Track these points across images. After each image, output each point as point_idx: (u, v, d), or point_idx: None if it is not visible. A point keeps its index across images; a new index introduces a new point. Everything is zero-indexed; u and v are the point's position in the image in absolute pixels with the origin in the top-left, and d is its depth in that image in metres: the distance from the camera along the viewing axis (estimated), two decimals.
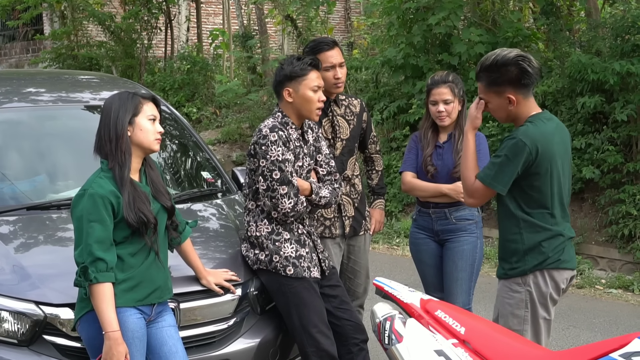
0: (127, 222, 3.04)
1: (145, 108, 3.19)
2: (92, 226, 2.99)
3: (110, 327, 2.96)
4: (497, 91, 3.27)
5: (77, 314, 3.12)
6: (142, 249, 3.13)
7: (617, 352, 2.73)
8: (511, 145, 3.22)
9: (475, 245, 4.20)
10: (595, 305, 6.57)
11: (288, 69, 3.70)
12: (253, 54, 14.83)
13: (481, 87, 3.34)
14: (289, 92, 3.70)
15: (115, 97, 3.20)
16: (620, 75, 7.57)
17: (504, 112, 3.32)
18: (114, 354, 2.95)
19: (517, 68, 3.21)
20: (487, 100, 3.33)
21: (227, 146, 12.57)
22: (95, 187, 3.04)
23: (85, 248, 2.98)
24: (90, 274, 2.95)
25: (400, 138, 9.94)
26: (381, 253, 8.49)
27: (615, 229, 7.56)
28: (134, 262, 3.11)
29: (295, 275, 3.65)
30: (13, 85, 5.04)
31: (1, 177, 4.10)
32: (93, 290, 2.97)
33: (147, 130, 3.17)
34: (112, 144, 3.11)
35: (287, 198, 3.61)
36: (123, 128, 3.11)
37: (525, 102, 3.29)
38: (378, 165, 4.54)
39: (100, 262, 2.97)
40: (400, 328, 3.19)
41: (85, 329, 3.09)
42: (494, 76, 3.25)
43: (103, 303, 2.97)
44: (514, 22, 9.74)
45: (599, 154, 7.78)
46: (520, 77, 3.22)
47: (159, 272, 3.19)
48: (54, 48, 15.43)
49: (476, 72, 3.36)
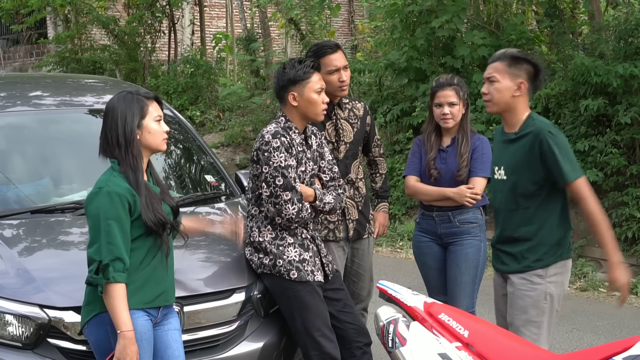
0: (145, 224, 3.03)
1: (150, 109, 3.17)
2: (110, 224, 2.96)
3: (125, 327, 2.95)
4: (515, 74, 3.48)
5: (85, 317, 3.10)
6: (150, 250, 3.12)
7: (621, 355, 2.73)
8: (561, 140, 3.42)
9: (479, 248, 4.20)
10: (599, 308, 6.56)
11: (291, 73, 3.70)
12: (256, 57, 14.85)
13: (499, 66, 3.52)
14: (294, 96, 3.71)
15: (120, 99, 3.16)
16: (624, 78, 7.56)
17: (507, 95, 3.49)
18: (127, 354, 2.94)
19: (536, 68, 3.50)
20: (497, 79, 3.50)
21: (230, 149, 12.57)
22: (112, 185, 3.02)
23: (104, 246, 2.94)
24: (110, 272, 2.93)
25: (404, 141, 9.94)
26: (385, 256, 8.49)
27: (618, 232, 7.54)
28: (144, 264, 3.10)
29: (299, 279, 3.65)
30: (17, 89, 5.06)
31: (5, 180, 4.11)
32: (109, 289, 2.95)
33: (155, 132, 3.16)
34: (122, 148, 3.09)
35: (290, 204, 3.61)
36: (133, 133, 3.09)
37: (526, 99, 3.54)
38: (382, 168, 4.54)
39: (118, 262, 2.95)
40: (404, 331, 3.20)
41: (94, 332, 3.07)
42: (518, 61, 3.49)
43: (119, 303, 2.95)
44: (517, 25, 9.74)
45: (602, 157, 7.77)
46: (536, 74, 3.49)
47: (165, 274, 3.20)
48: (57, 52, 15.45)
49: (494, 57, 3.58)
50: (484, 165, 4.12)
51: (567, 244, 3.55)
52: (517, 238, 3.52)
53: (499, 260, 3.65)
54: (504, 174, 3.58)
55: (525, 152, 3.46)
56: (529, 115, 3.52)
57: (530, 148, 3.44)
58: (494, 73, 3.51)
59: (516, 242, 3.53)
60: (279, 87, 3.77)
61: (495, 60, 3.54)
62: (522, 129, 3.51)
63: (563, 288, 3.54)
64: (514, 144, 3.53)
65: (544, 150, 3.39)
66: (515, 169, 3.51)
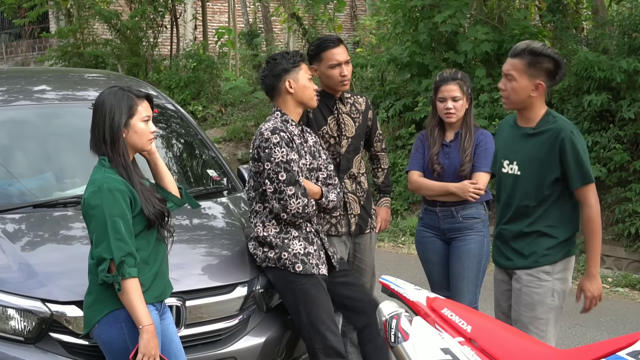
0: (147, 217, 3.03)
1: (139, 109, 3.11)
2: (117, 221, 2.94)
3: (147, 321, 2.94)
4: (533, 74, 3.42)
5: (95, 317, 3.04)
6: (155, 245, 3.12)
7: (624, 351, 2.72)
8: (582, 143, 3.40)
9: (482, 243, 4.19)
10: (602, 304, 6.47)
11: (284, 62, 3.77)
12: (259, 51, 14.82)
13: (518, 64, 3.43)
14: (289, 83, 3.74)
15: (110, 95, 3.12)
16: (627, 73, 7.55)
17: (524, 95, 3.45)
18: (152, 347, 2.93)
19: (557, 65, 3.42)
20: (515, 78, 3.45)
21: (232, 144, 12.58)
22: (112, 182, 3.00)
23: (114, 243, 2.92)
24: (125, 268, 2.91)
25: (406, 136, 9.93)
26: (387, 251, 8.48)
27: (621, 228, 7.53)
28: (151, 259, 3.10)
29: (304, 272, 3.65)
30: (19, 83, 5.05)
31: (8, 174, 4.10)
32: (126, 285, 2.93)
33: (142, 133, 3.12)
34: (108, 146, 3.07)
35: (295, 198, 3.61)
36: (119, 131, 3.06)
37: (543, 97, 3.50)
38: (384, 163, 4.53)
39: (130, 257, 2.94)
40: (407, 326, 3.19)
41: (106, 330, 3.02)
42: (538, 60, 3.40)
43: (136, 297, 2.94)
44: (520, 20, 9.73)
45: (606, 152, 7.75)
46: (555, 73, 3.43)
47: (167, 267, 3.21)
48: (60, 46, 15.46)
49: (515, 51, 3.47)
50: (487, 161, 4.10)
51: (574, 241, 3.55)
52: (528, 233, 3.50)
53: (503, 257, 3.62)
54: (518, 169, 3.54)
55: (546, 148, 3.43)
56: (548, 112, 3.50)
57: (551, 145, 3.41)
58: (512, 71, 3.44)
59: (526, 238, 3.51)
60: (272, 78, 3.79)
61: (516, 56, 3.45)
62: (540, 124, 3.48)
63: (568, 284, 3.55)
64: (532, 138, 3.49)
65: (565, 149, 3.38)
66: (533, 164, 3.48)
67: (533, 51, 3.41)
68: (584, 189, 3.41)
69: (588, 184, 3.41)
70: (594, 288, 3.46)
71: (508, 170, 3.58)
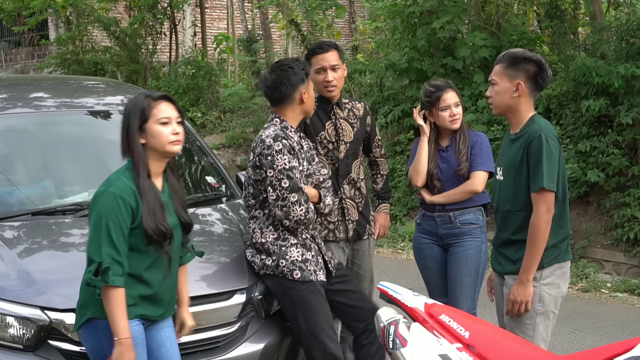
0: (145, 232, 2.98)
1: (154, 112, 3.07)
2: (111, 227, 2.92)
3: (123, 334, 2.91)
4: (512, 75, 3.44)
5: (79, 319, 3.06)
6: (155, 262, 3.08)
7: (623, 356, 2.72)
8: (552, 147, 3.34)
9: (480, 249, 4.20)
10: (601, 309, 6.55)
11: (300, 72, 3.71)
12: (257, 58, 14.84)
13: (498, 69, 3.49)
14: (302, 95, 3.73)
15: (130, 101, 3.16)
16: (625, 78, 7.56)
17: (506, 97, 3.46)
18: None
19: (539, 68, 3.43)
20: (496, 82, 3.48)
21: (231, 150, 12.58)
22: (118, 186, 2.98)
23: (105, 248, 2.91)
24: (109, 275, 2.89)
25: (405, 142, 9.94)
26: (385, 257, 8.48)
27: (620, 233, 7.54)
28: (147, 277, 3.06)
29: (302, 278, 3.65)
30: (18, 91, 5.06)
31: (6, 182, 4.10)
32: (108, 293, 2.91)
33: (158, 135, 3.06)
34: (127, 153, 3.08)
35: (298, 205, 3.60)
36: (133, 136, 3.06)
37: (529, 99, 3.48)
38: (383, 169, 4.53)
39: (117, 266, 2.91)
40: (405, 332, 3.19)
41: (89, 338, 3.05)
42: (517, 62, 3.43)
43: (117, 308, 2.91)
44: (518, 26, 9.75)
45: (604, 157, 7.76)
46: (537, 75, 3.43)
47: (168, 287, 3.17)
48: (59, 53, 15.47)
49: (497, 59, 3.53)
50: (483, 160, 4.16)
51: (564, 247, 3.49)
52: (513, 240, 3.50)
53: (496, 261, 3.64)
54: (502, 175, 3.57)
55: (520, 152, 3.43)
56: (532, 117, 3.49)
57: (523, 148, 3.41)
58: (494, 76, 3.51)
59: (512, 244, 3.50)
60: (289, 87, 3.70)
61: (497, 63, 3.52)
62: (522, 129, 3.49)
63: (560, 290, 3.50)
64: (513, 144, 3.51)
65: (530, 150, 3.36)
66: (510, 170, 3.49)
67: (511, 55, 3.49)
68: (536, 195, 3.35)
69: (540, 191, 3.33)
70: (518, 293, 3.40)
71: (498, 176, 3.63)
